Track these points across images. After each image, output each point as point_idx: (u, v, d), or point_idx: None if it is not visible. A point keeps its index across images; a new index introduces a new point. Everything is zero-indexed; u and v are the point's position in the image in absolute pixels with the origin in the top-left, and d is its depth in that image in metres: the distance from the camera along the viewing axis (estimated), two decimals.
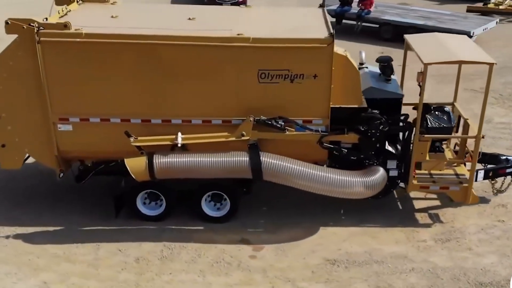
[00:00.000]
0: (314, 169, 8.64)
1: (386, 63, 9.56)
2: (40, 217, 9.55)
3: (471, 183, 9.23)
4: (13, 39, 8.44)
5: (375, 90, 9.11)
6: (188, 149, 8.77)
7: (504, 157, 9.95)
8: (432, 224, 9.52)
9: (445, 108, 9.54)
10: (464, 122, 9.79)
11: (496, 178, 9.84)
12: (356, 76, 8.66)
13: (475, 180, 9.43)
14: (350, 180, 8.70)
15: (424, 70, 8.51)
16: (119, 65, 8.42)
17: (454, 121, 9.53)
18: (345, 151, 8.86)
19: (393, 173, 9.13)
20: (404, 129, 9.01)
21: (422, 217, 9.73)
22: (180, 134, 8.61)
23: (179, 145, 8.57)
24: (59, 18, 8.91)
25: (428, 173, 9.51)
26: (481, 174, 9.54)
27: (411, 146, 9.09)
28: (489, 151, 10.56)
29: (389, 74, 9.52)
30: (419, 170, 9.42)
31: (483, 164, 9.97)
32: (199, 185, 9.19)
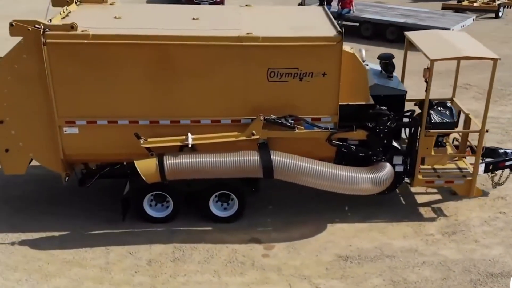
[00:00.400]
0: (324, 167, 8.68)
1: (388, 60, 9.68)
2: (44, 223, 9.39)
3: (475, 176, 9.40)
4: (18, 41, 8.26)
5: (379, 87, 9.21)
6: (196, 150, 8.71)
7: (502, 151, 10.15)
8: (437, 218, 9.67)
9: (447, 104, 9.69)
10: (466, 117, 9.97)
11: (496, 171, 10.03)
12: (364, 74, 8.74)
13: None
14: (360, 177, 8.76)
15: (431, 67, 8.63)
16: (128, 66, 8.32)
17: (456, 116, 9.69)
18: (354, 148, 8.92)
19: (399, 169, 9.24)
20: (411, 125, 9.11)
21: (426, 211, 9.88)
22: (190, 135, 8.54)
23: (190, 146, 8.51)
24: (62, 20, 8.77)
25: (432, 168, 9.65)
26: (482, 167, 9.72)
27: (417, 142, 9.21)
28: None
29: (391, 71, 9.66)
30: (423, 165, 9.55)
31: (482, 158, 10.15)
32: (207, 186, 9.14)
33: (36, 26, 8.09)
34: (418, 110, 9.40)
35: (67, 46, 8.18)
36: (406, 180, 9.67)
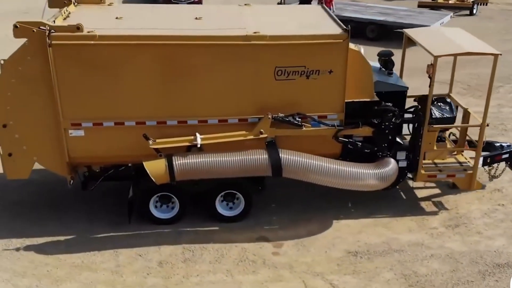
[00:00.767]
0: (332, 164, 8.75)
1: (387, 57, 9.80)
2: (47, 227, 9.24)
3: (476, 170, 9.60)
4: (22, 43, 8.12)
5: (381, 84, 9.32)
6: (203, 149, 8.68)
7: (498, 144, 10.37)
8: (439, 212, 9.84)
9: (447, 99, 9.86)
10: (465, 112, 10.15)
11: (493, 164, 10.24)
12: (369, 71, 8.83)
13: None
14: (367, 173, 8.86)
15: (434, 63, 8.78)
16: (135, 67, 8.25)
17: (455, 111, 9.87)
18: (360, 145, 9.02)
19: (402, 164, 9.37)
20: (415, 121, 9.24)
21: (427, 205, 10.05)
22: (199, 135, 8.51)
23: (199, 146, 8.49)
24: (63, 21, 8.65)
25: (433, 162, 9.81)
26: (481, 161, 9.92)
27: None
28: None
29: (391, 68, 9.78)
30: (424, 160, 9.69)
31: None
32: (214, 185, 9.12)
33: (41, 28, 7.96)
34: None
35: (73, 47, 8.07)
36: (409, 175, 9.80)
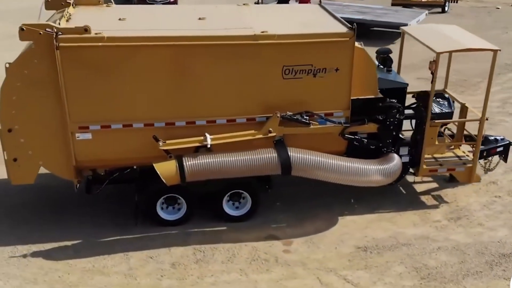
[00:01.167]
0: (340, 161, 8.84)
1: (386, 55, 9.96)
2: (52, 232, 9.09)
3: (476, 163, 9.83)
4: (28, 46, 8.00)
5: (382, 81, 9.43)
6: (211, 150, 8.68)
7: (493, 137, 10.62)
8: (439, 205, 10.05)
9: (445, 95, 10.07)
10: (462, 106, 10.37)
11: (489, 158, 10.50)
12: (373, 68, 8.98)
13: None
14: (373, 169, 8.98)
15: (437, 59, 8.95)
16: (144, 68, 8.19)
17: (454, 106, 10.09)
18: (366, 141, 9.14)
19: (405, 159, 9.53)
20: (418, 116, 9.41)
21: (428, 199, 10.24)
22: (208, 135, 8.51)
23: (209, 146, 8.48)
24: (66, 23, 8.53)
25: (433, 157, 10.00)
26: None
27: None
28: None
29: (390, 65, 9.93)
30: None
31: (471, 145, 10.60)
32: (222, 186, 9.11)
33: (48, 30, 7.84)
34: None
35: (81, 50, 7.97)
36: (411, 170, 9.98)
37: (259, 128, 8.72)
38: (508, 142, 10.43)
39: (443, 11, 25.78)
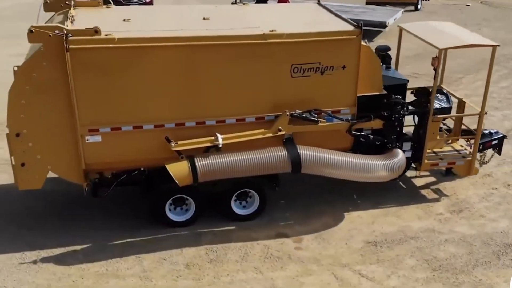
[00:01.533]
0: (347, 157, 8.95)
1: (385, 52, 10.12)
2: (58, 237, 8.97)
3: (475, 157, 10.07)
4: (37, 49, 7.87)
5: (384, 77, 9.59)
6: (220, 149, 8.68)
7: (487, 131, 10.88)
8: (440, 198, 10.26)
9: (443, 90, 10.29)
10: (460, 101, 10.59)
11: (484, 151, 10.76)
12: (378, 65, 9.12)
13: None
14: (379, 165, 9.11)
15: (439, 55, 9.14)
16: (154, 69, 8.16)
17: (452, 101, 10.32)
18: (372, 137, 9.28)
19: (408, 154, 9.70)
20: (421, 112, 9.59)
21: (428, 193, 10.45)
22: (220, 135, 8.52)
23: (220, 146, 8.49)
24: (71, 24, 8.42)
25: (433, 152, 10.21)
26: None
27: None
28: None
29: (389, 62, 10.10)
30: None
31: (467, 140, 10.85)
32: (230, 185, 9.12)
33: (57, 32, 7.74)
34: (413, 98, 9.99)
35: (92, 51, 7.88)
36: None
37: (269, 127, 8.78)
38: (502, 135, 10.71)
39: (416, 9, 26.25)
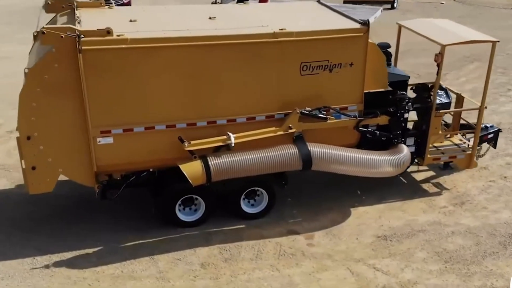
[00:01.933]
0: (356, 153, 9.06)
1: (385, 49, 10.25)
2: (68, 241, 8.89)
3: (475, 150, 10.30)
4: (48, 50, 7.76)
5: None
6: (231, 148, 8.69)
7: (483, 125, 11.11)
8: (441, 192, 10.48)
9: (443, 86, 10.49)
10: (458, 96, 10.80)
11: (481, 144, 11.00)
12: (383, 62, 9.26)
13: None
14: (386, 160, 9.24)
15: (442, 51, 9.32)
16: (165, 69, 8.12)
17: (451, 96, 10.53)
18: (378, 133, 9.41)
19: (411, 149, 9.87)
20: (424, 107, 9.76)
21: (429, 187, 10.65)
22: (232, 134, 8.53)
23: (233, 145, 8.51)
24: (79, 25, 8.33)
25: (434, 146, 10.40)
26: (471, 142, 10.64)
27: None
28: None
29: (389, 59, 10.25)
30: None
31: (463, 134, 11.09)
32: (240, 184, 9.15)
33: (69, 33, 7.66)
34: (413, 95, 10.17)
35: (105, 52, 7.82)
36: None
37: (279, 125, 8.83)
38: (498, 129, 10.96)
39: (392, 7, 26.63)
